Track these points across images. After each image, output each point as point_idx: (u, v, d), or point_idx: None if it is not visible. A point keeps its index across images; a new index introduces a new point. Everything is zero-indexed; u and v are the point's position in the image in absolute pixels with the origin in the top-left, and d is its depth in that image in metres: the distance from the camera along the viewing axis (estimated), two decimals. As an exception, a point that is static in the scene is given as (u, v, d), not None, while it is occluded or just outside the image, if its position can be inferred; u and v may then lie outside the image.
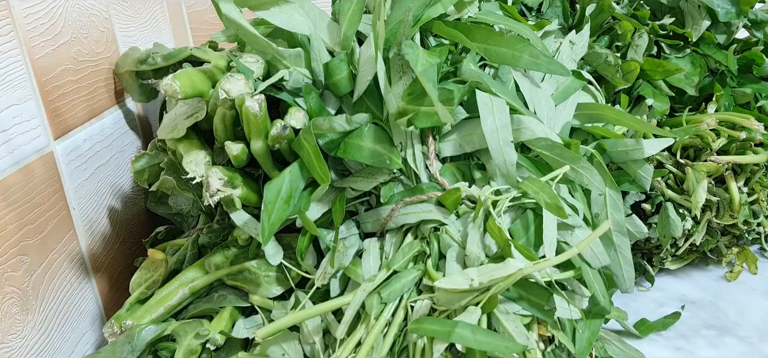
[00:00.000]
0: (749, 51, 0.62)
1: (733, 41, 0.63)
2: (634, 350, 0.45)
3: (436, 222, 0.40)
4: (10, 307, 0.40)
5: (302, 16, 0.41)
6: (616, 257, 0.44)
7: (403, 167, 0.41)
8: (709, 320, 0.54)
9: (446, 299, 0.35)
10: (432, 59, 0.38)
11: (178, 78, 0.39)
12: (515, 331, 0.33)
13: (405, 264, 0.38)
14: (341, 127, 0.39)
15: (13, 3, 0.41)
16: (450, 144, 0.41)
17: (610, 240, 0.43)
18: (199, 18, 0.68)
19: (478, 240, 0.36)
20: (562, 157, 0.41)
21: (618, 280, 0.44)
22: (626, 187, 0.48)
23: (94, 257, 0.50)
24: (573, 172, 0.42)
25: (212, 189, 0.38)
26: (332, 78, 0.41)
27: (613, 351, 0.44)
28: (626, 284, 0.44)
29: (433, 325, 0.34)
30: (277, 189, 0.38)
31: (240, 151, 0.40)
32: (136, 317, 0.42)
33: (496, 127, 0.39)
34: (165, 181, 0.46)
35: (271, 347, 0.39)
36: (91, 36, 0.50)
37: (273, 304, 0.42)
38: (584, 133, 0.49)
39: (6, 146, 0.40)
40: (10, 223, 0.40)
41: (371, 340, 0.36)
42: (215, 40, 0.52)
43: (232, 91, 0.38)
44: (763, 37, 0.64)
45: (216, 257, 0.45)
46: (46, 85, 0.44)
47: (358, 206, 0.43)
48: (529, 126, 0.41)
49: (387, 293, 0.37)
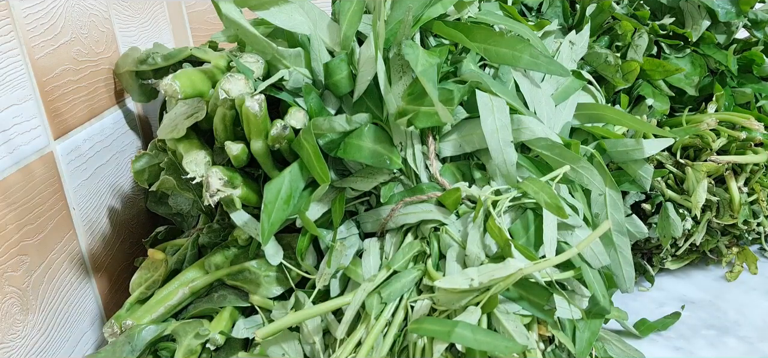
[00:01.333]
0: (749, 51, 0.62)
1: (733, 41, 0.63)
2: (634, 350, 0.45)
3: (436, 222, 0.40)
4: (10, 307, 0.40)
5: (302, 15, 0.41)
6: (616, 257, 0.44)
7: (403, 167, 0.41)
8: (708, 320, 0.54)
9: (446, 299, 0.35)
10: (432, 59, 0.38)
11: (178, 78, 0.39)
12: (515, 331, 0.33)
13: (405, 264, 0.38)
14: (341, 127, 0.39)
15: (13, 3, 0.41)
16: (450, 144, 0.41)
17: (610, 240, 0.43)
18: (199, 18, 0.68)
19: (478, 240, 0.36)
20: (562, 157, 0.41)
21: (618, 280, 0.44)
22: (626, 187, 0.48)
23: (94, 256, 0.50)
24: (573, 173, 0.42)
25: (212, 189, 0.38)
26: (332, 78, 0.41)
27: (613, 351, 0.44)
28: (626, 284, 0.44)
29: (433, 325, 0.34)
30: (277, 189, 0.38)
31: (240, 151, 0.40)
32: (136, 317, 0.42)
33: (496, 127, 0.39)
34: (165, 181, 0.46)
35: (272, 347, 0.39)
36: (91, 36, 0.50)
37: (273, 304, 0.42)
38: (584, 133, 0.49)
39: (6, 146, 0.40)
40: (10, 223, 0.40)
41: (371, 340, 0.36)
42: (215, 41, 0.52)
43: (232, 91, 0.38)
44: (763, 37, 0.64)
45: (216, 257, 0.45)
46: (46, 85, 0.44)
47: (358, 206, 0.43)
48: (529, 126, 0.41)
49: (387, 293, 0.37)
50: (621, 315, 0.48)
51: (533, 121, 0.41)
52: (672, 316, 0.53)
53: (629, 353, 0.45)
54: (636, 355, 0.45)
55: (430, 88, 0.35)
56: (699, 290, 0.59)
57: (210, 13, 0.70)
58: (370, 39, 0.39)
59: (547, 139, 0.41)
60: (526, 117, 0.41)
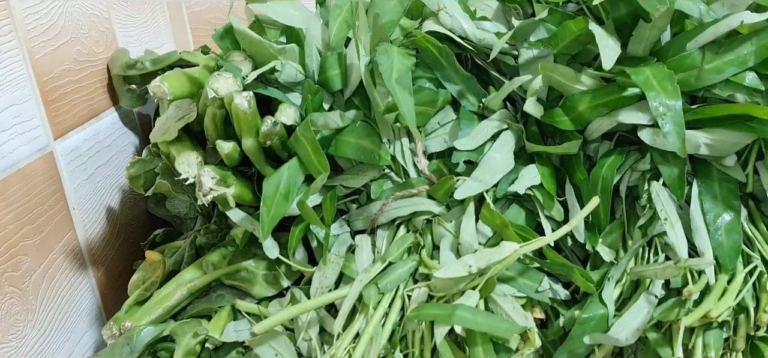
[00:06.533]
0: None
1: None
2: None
3: (428, 214, 0.40)
4: (10, 307, 0.40)
5: (296, 10, 0.41)
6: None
7: (392, 164, 0.41)
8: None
9: (443, 285, 0.35)
10: (408, 61, 0.38)
11: (167, 79, 0.39)
12: (513, 312, 0.33)
13: (400, 255, 0.38)
14: (335, 123, 0.39)
15: (13, 3, 0.41)
16: (437, 140, 0.41)
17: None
18: (199, 18, 0.69)
19: (471, 228, 0.36)
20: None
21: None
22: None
23: (94, 257, 0.50)
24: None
25: (205, 188, 0.38)
26: (326, 73, 0.41)
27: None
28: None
29: (434, 310, 0.34)
30: (276, 184, 0.38)
31: (231, 150, 0.40)
32: (134, 318, 0.42)
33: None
34: (160, 185, 0.46)
35: (263, 347, 0.39)
36: (91, 36, 0.51)
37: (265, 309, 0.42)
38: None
39: (6, 146, 0.40)
40: (9, 223, 0.40)
41: (371, 330, 0.36)
42: (207, 46, 0.53)
43: (220, 90, 0.38)
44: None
45: (213, 256, 0.45)
46: (46, 85, 0.44)
47: (349, 205, 0.43)
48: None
49: (384, 283, 0.37)
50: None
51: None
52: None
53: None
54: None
55: (402, 100, 0.35)
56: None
57: (210, 13, 0.71)
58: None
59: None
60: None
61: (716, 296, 0.34)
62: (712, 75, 0.36)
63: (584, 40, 0.38)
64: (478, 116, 0.41)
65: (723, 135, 0.36)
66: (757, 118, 0.35)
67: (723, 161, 0.37)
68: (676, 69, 0.36)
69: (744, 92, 0.36)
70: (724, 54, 0.36)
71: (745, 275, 0.36)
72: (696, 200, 0.37)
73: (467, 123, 0.40)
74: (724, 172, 0.37)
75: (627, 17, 0.37)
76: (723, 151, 0.36)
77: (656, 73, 0.35)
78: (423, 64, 0.41)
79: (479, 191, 0.38)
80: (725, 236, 0.36)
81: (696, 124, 0.37)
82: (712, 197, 0.37)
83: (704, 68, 0.36)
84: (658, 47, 0.38)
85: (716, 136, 0.36)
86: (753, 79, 0.36)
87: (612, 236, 0.39)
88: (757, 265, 0.36)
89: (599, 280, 0.37)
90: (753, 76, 0.36)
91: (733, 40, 0.36)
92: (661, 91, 0.35)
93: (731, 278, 0.36)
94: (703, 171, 0.38)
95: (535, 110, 0.39)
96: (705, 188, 0.37)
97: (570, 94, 0.39)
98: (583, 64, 0.40)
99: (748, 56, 0.35)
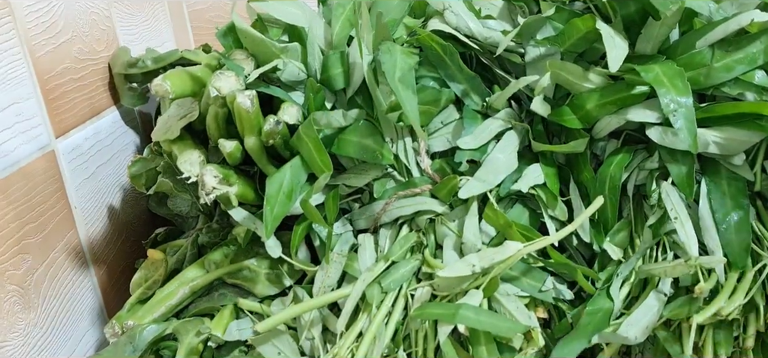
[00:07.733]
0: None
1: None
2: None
3: (432, 213, 0.39)
4: (12, 305, 0.40)
5: (298, 8, 0.41)
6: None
7: (395, 163, 0.41)
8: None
9: (446, 285, 0.35)
10: (411, 60, 0.37)
11: (169, 78, 0.39)
12: (517, 311, 0.33)
13: (403, 255, 0.38)
14: (338, 122, 0.39)
15: (14, 1, 0.41)
16: (440, 140, 0.41)
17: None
18: (200, 16, 0.68)
19: (475, 227, 0.36)
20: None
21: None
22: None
23: (96, 255, 0.50)
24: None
25: (207, 187, 0.38)
26: (328, 72, 0.41)
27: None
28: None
29: (437, 309, 0.34)
30: (279, 183, 0.38)
31: (234, 148, 0.39)
32: (137, 317, 0.42)
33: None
34: (162, 184, 0.46)
35: (266, 346, 0.39)
36: (92, 34, 0.50)
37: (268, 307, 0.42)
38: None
39: (7, 145, 0.40)
40: (11, 221, 0.40)
41: (374, 329, 0.35)
42: (209, 45, 0.52)
43: (223, 89, 0.38)
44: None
45: (215, 255, 0.44)
46: (48, 83, 0.44)
47: (352, 204, 0.43)
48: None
49: (388, 282, 0.37)
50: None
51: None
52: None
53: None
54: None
55: (405, 99, 0.35)
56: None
57: (211, 12, 0.70)
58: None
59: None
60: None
61: (727, 293, 0.34)
62: (722, 73, 0.35)
63: (591, 39, 0.38)
64: (482, 115, 0.41)
65: (732, 133, 0.35)
66: (766, 117, 0.35)
67: (731, 160, 0.37)
68: (685, 67, 0.36)
69: (753, 91, 0.36)
70: (734, 52, 0.35)
71: (755, 273, 0.36)
72: (705, 198, 0.37)
73: (470, 122, 0.40)
74: (733, 171, 0.37)
75: (635, 15, 0.37)
76: (732, 149, 0.36)
77: (666, 70, 0.35)
78: (426, 62, 0.41)
79: (482, 190, 0.38)
80: (735, 234, 0.36)
81: (705, 123, 0.36)
82: (720, 196, 0.37)
83: (714, 66, 0.36)
84: (667, 45, 0.38)
85: (726, 134, 0.36)
86: (762, 78, 0.36)
87: (620, 234, 0.39)
88: (766, 263, 0.36)
89: (607, 278, 0.37)
90: (762, 74, 0.36)
91: (742, 39, 0.36)
92: (672, 88, 0.35)
93: (741, 276, 0.36)
94: (711, 170, 0.38)
95: (542, 109, 0.39)
96: (713, 187, 0.37)
97: (578, 93, 0.38)
98: (591, 62, 0.40)
99: (757, 55, 0.35)
